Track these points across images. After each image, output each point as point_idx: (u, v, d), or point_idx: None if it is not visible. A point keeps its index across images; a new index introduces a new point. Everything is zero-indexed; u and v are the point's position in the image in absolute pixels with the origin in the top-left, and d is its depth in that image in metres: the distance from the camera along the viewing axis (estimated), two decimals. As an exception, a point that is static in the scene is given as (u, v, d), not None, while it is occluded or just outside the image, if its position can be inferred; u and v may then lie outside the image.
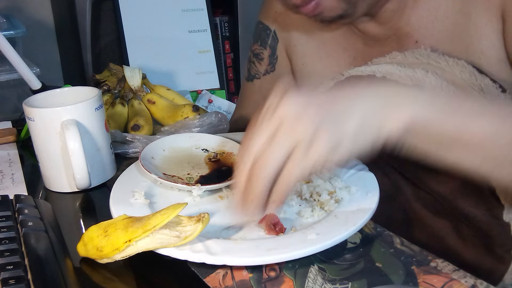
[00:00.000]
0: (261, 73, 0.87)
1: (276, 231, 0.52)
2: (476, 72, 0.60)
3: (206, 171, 0.66)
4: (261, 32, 0.85)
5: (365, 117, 0.46)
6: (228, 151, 0.69)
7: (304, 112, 0.45)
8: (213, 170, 0.66)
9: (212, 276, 0.48)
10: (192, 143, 0.70)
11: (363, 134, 0.46)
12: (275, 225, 0.52)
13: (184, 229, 0.48)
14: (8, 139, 0.86)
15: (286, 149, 0.45)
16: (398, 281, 0.47)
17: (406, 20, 0.67)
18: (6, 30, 1.02)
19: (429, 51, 0.64)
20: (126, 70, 0.89)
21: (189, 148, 0.70)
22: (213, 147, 0.70)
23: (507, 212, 0.56)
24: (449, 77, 0.60)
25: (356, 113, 0.46)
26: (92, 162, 0.67)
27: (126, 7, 1.11)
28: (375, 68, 0.64)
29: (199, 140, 0.71)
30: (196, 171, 0.65)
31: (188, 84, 1.16)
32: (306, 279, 0.48)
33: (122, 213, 0.52)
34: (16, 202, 0.59)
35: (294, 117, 0.45)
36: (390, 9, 0.67)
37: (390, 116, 0.46)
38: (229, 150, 0.69)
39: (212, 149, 0.70)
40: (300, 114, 0.45)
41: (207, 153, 0.69)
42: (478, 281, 0.46)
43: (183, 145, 0.70)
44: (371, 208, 0.54)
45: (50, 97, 0.72)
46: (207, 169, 0.66)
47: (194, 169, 0.66)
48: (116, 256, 0.49)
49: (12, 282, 0.45)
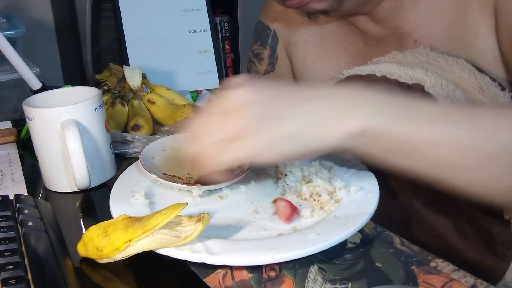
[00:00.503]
0: (261, 73, 0.87)
1: (292, 217, 0.53)
2: (476, 70, 0.61)
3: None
4: (261, 32, 0.86)
5: (308, 123, 0.46)
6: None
7: (248, 106, 0.46)
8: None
9: (212, 276, 0.48)
10: (192, 143, 0.70)
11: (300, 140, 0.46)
12: (290, 214, 0.53)
13: (184, 229, 0.48)
14: (8, 139, 0.86)
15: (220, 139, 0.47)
16: (398, 281, 0.47)
17: (405, 20, 0.68)
18: (6, 30, 1.02)
19: (429, 50, 0.65)
20: (126, 70, 0.89)
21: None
22: (213, 147, 0.70)
23: (508, 210, 0.56)
24: (449, 76, 0.60)
25: (298, 118, 0.46)
26: (92, 162, 0.67)
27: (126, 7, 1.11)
28: (374, 68, 0.64)
29: (199, 140, 0.71)
30: (196, 171, 0.65)
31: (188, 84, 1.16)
32: (306, 279, 0.48)
33: (122, 213, 0.52)
34: (16, 202, 0.59)
35: (239, 110, 0.46)
36: (386, 7, 0.67)
37: (337, 124, 0.46)
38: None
39: (212, 149, 0.70)
40: (243, 107, 0.46)
41: (207, 153, 0.69)
42: (478, 281, 0.46)
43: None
44: (371, 208, 0.53)
45: (50, 97, 0.72)
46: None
47: (194, 169, 0.66)
48: (116, 256, 0.49)
49: (12, 282, 0.45)
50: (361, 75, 0.65)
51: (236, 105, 0.47)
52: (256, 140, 0.46)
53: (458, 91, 0.58)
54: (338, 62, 0.77)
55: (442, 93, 0.58)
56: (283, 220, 0.54)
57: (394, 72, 0.62)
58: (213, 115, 0.49)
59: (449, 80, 0.60)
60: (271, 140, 0.46)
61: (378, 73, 0.64)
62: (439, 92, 0.58)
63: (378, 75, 0.63)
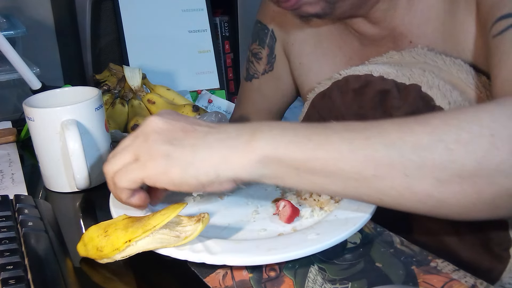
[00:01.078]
0: (260, 72, 0.87)
1: (292, 218, 0.54)
2: (473, 71, 0.61)
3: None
4: (259, 32, 0.86)
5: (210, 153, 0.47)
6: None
7: (153, 132, 0.49)
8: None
9: (212, 276, 0.48)
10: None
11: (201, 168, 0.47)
12: (291, 215, 0.54)
13: (184, 229, 0.48)
14: (8, 139, 0.86)
15: (123, 160, 0.50)
16: (398, 281, 0.47)
17: (400, 21, 0.68)
18: (6, 30, 1.02)
19: (426, 51, 0.65)
20: (126, 70, 0.89)
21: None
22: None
23: None
24: (446, 76, 0.61)
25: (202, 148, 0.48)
26: (92, 162, 0.67)
27: (126, 7, 1.11)
28: (372, 68, 0.64)
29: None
30: None
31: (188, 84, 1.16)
32: (306, 279, 0.48)
33: (122, 213, 0.52)
34: (16, 202, 0.59)
35: (146, 134, 0.50)
36: (382, 9, 0.67)
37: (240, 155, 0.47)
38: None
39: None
40: (153, 133, 0.49)
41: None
42: (478, 281, 0.46)
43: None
44: (371, 208, 0.53)
45: (50, 97, 0.72)
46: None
47: None
48: (116, 256, 0.49)
49: (12, 282, 0.45)
50: (358, 75, 0.65)
51: (144, 129, 0.50)
52: (150, 164, 0.48)
53: (455, 92, 0.59)
54: (334, 61, 0.77)
55: (439, 93, 0.58)
56: (283, 220, 0.54)
57: (391, 72, 0.62)
58: (126, 139, 0.52)
59: (446, 81, 0.60)
60: (164, 165, 0.48)
61: (375, 73, 0.64)
62: (436, 92, 0.59)
63: (375, 75, 0.63)
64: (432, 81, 0.59)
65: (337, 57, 0.77)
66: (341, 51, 0.76)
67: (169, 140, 0.49)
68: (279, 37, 0.83)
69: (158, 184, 0.49)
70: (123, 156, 0.51)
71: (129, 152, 0.50)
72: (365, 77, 0.64)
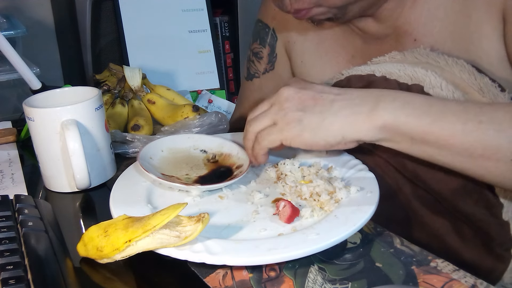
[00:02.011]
0: (261, 72, 0.87)
1: (292, 218, 0.55)
2: (475, 71, 0.61)
3: (205, 172, 0.66)
4: (260, 31, 0.85)
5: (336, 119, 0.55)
6: (226, 153, 0.68)
7: (291, 100, 0.58)
8: (212, 171, 0.66)
9: (212, 276, 0.48)
10: (191, 144, 0.70)
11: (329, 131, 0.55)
12: (291, 215, 0.54)
13: (184, 229, 0.48)
14: (8, 139, 0.86)
15: (264, 123, 0.59)
16: (398, 281, 0.47)
17: (405, 19, 0.68)
18: (6, 30, 1.02)
19: (429, 51, 0.65)
20: (126, 70, 0.89)
21: (188, 149, 0.70)
22: (212, 148, 0.70)
23: (506, 211, 0.56)
24: (449, 76, 0.61)
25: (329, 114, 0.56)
26: (92, 162, 0.67)
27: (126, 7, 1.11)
28: (374, 68, 0.64)
29: (198, 141, 0.71)
30: (195, 172, 0.65)
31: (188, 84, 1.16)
32: (306, 279, 0.48)
33: (122, 213, 0.52)
34: (16, 202, 0.59)
35: (281, 102, 0.58)
36: (389, 8, 0.67)
37: (363, 121, 0.54)
38: (228, 151, 0.68)
39: (210, 150, 0.70)
40: (286, 101, 0.58)
41: (206, 154, 0.69)
42: (478, 281, 0.46)
43: (182, 146, 0.69)
44: (371, 208, 0.54)
45: (50, 97, 0.72)
46: (205, 170, 0.66)
47: (192, 170, 0.66)
48: (116, 256, 0.49)
49: (12, 282, 0.45)
50: (361, 75, 0.65)
51: (279, 98, 0.59)
52: (287, 128, 0.57)
53: (457, 92, 0.59)
54: (337, 60, 0.77)
55: (441, 93, 0.58)
56: (283, 220, 0.54)
57: (393, 72, 0.62)
58: (263, 105, 0.61)
59: (448, 81, 0.60)
60: (298, 129, 0.56)
61: (377, 73, 0.64)
62: (438, 92, 0.59)
63: (377, 75, 0.64)
64: (435, 81, 0.59)
65: (340, 55, 0.76)
66: (343, 49, 0.76)
67: (301, 108, 0.57)
68: (280, 36, 0.83)
69: (293, 145, 0.57)
70: (263, 120, 0.59)
71: (268, 117, 0.59)
72: (367, 77, 0.64)
